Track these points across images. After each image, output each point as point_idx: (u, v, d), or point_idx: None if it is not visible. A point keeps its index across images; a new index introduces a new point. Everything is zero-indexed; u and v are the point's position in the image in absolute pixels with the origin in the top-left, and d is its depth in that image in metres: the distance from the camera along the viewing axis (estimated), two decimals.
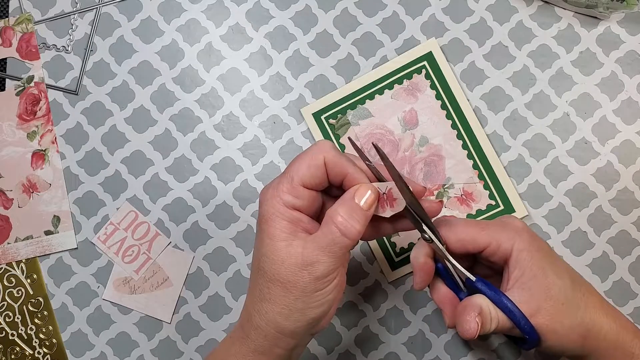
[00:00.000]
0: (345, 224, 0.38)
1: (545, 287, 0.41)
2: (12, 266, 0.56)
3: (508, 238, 0.41)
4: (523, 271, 0.41)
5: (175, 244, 0.55)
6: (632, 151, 0.53)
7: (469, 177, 0.53)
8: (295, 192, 0.39)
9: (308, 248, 0.38)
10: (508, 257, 0.42)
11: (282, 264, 0.38)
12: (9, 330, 0.56)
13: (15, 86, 0.57)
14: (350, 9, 0.55)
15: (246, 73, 0.56)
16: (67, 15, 0.57)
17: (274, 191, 0.39)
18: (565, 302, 0.41)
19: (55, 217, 0.56)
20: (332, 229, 0.38)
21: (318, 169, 0.39)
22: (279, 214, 0.39)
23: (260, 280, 0.40)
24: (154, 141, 0.56)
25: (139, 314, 0.55)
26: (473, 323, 0.40)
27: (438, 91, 0.54)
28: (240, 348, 0.41)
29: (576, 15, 0.54)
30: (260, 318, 0.40)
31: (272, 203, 0.39)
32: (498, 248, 0.41)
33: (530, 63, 0.54)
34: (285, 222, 0.39)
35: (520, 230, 0.42)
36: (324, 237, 0.38)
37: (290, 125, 0.55)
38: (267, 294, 0.39)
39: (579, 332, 0.41)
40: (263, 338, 0.40)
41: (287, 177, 0.40)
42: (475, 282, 0.42)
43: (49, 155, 0.56)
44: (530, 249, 0.41)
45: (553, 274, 0.41)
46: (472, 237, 0.42)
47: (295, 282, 0.38)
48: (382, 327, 0.54)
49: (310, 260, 0.38)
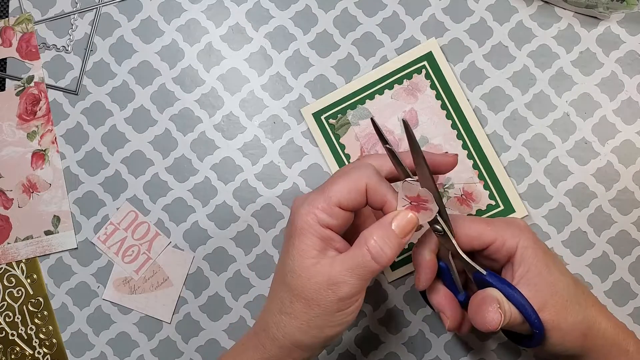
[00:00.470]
0: (378, 249, 0.38)
1: (550, 284, 0.41)
2: (12, 266, 0.56)
3: (513, 235, 0.42)
4: (528, 268, 0.41)
5: (175, 244, 0.55)
6: (632, 151, 0.53)
7: (469, 177, 0.53)
8: (330, 212, 0.39)
9: (336, 268, 0.38)
10: (512, 255, 0.42)
11: (308, 281, 0.38)
12: (9, 330, 0.56)
13: (15, 86, 0.57)
14: (350, 9, 0.55)
15: (246, 73, 0.56)
16: (67, 15, 0.57)
17: (310, 207, 0.39)
18: (569, 299, 0.41)
19: (55, 217, 0.56)
20: (364, 251, 0.38)
21: (358, 193, 0.40)
22: (312, 230, 0.39)
23: (283, 293, 0.40)
24: (154, 141, 0.56)
25: (139, 314, 0.55)
26: (496, 314, 0.39)
27: (438, 91, 0.54)
28: (254, 355, 0.41)
29: (576, 15, 0.54)
30: (277, 330, 0.40)
31: (306, 219, 0.39)
32: (503, 245, 0.42)
33: (530, 63, 0.54)
34: (317, 239, 0.39)
35: (523, 229, 0.43)
36: (354, 259, 0.38)
37: (290, 125, 0.55)
38: (289, 308, 0.39)
39: (581, 330, 0.41)
40: (278, 349, 0.40)
41: (325, 195, 0.39)
42: (487, 275, 0.41)
43: (49, 155, 0.56)
44: (535, 247, 0.42)
45: (557, 271, 0.41)
46: (479, 233, 0.42)
47: (319, 300, 0.38)
48: (382, 327, 0.54)
49: (336, 280, 0.38)
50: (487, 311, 0.39)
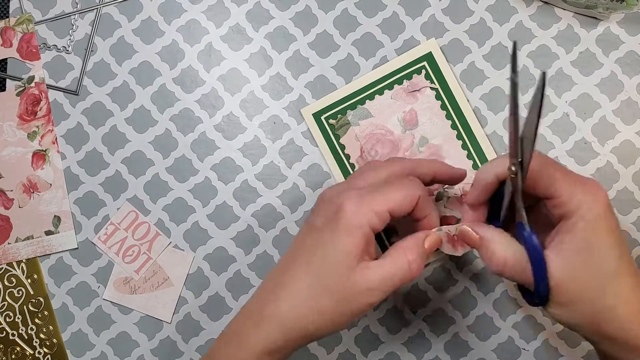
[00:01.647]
0: (417, 263, 0.39)
1: (580, 266, 0.38)
2: (12, 266, 0.56)
3: (579, 201, 0.38)
4: (572, 238, 0.38)
5: (175, 244, 0.55)
6: (631, 151, 0.53)
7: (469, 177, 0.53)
8: (383, 216, 0.39)
9: (375, 274, 0.39)
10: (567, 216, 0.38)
11: (347, 281, 0.39)
12: (10, 330, 0.56)
13: (16, 86, 0.57)
14: (350, 9, 0.55)
15: (246, 73, 0.56)
16: (67, 16, 0.57)
17: (365, 207, 0.39)
18: (593, 290, 0.38)
19: (55, 217, 0.56)
20: (404, 261, 0.39)
21: (411, 204, 0.40)
22: (363, 230, 0.39)
23: (314, 285, 0.39)
24: (154, 141, 0.56)
25: (139, 314, 0.55)
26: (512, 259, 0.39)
27: (438, 91, 0.54)
28: (255, 347, 0.40)
29: (576, 16, 0.54)
30: (295, 321, 0.40)
31: (360, 217, 0.39)
32: (565, 204, 0.38)
33: (529, 63, 0.54)
34: (363, 240, 0.39)
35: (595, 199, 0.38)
36: (394, 267, 0.39)
37: (290, 126, 0.55)
38: (314, 301, 0.39)
39: (594, 319, 0.38)
40: (284, 341, 0.40)
41: (382, 199, 0.40)
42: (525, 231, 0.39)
43: (49, 156, 0.56)
44: (594, 224, 0.38)
45: (599, 257, 0.38)
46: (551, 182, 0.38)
47: (352, 301, 0.39)
48: (382, 327, 0.54)
49: (373, 285, 0.39)
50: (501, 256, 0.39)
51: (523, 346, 0.53)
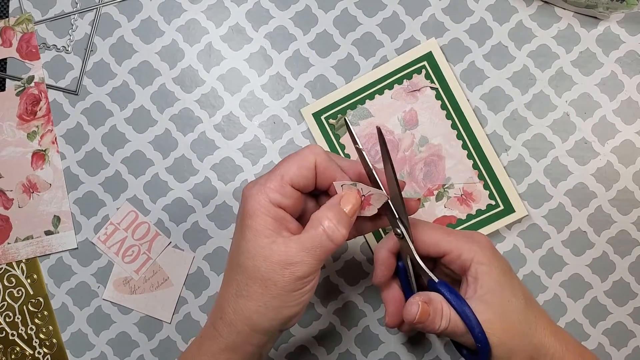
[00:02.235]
0: (333, 229, 0.39)
1: (500, 303, 0.41)
2: (12, 266, 0.56)
3: (470, 250, 0.42)
4: (481, 284, 0.42)
5: (175, 244, 0.55)
6: (632, 151, 0.53)
7: (469, 177, 0.53)
8: (282, 191, 0.40)
9: (292, 248, 0.39)
10: (467, 268, 0.43)
11: (264, 261, 0.38)
12: (9, 330, 0.56)
13: (16, 86, 0.57)
14: (350, 9, 0.55)
15: (246, 73, 0.56)
16: (67, 16, 0.57)
17: (261, 187, 0.40)
18: (518, 321, 0.41)
19: (55, 217, 0.56)
20: (319, 231, 0.39)
21: (309, 170, 0.40)
22: (264, 210, 0.39)
23: (239, 276, 0.40)
24: (154, 141, 0.56)
25: (139, 314, 0.55)
26: (415, 306, 0.40)
27: (438, 91, 0.54)
28: (211, 347, 0.41)
29: (576, 15, 0.54)
30: (235, 315, 0.40)
31: (258, 199, 0.39)
32: (458, 257, 0.42)
33: (530, 63, 0.54)
34: (271, 219, 0.39)
35: (483, 245, 0.43)
36: (310, 239, 0.39)
37: (290, 126, 0.55)
38: (245, 291, 0.39)
39: (527, 352, 0.41)
40: (236, 335, 0.40)
41: (275, 175, 0.40)
42: (438, 283, 0.42)
43: (49, 156, 0.56)
44: (490, 264, 0.42)
45: (510, 292, 0.42)
46: (436, 241, 0.43)
47: (276, 280, 0.38)
48: (382, 327, 0.54)
49: (293, 260, 0.38)
50: (409, 303, 0.41)
51: None
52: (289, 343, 0.54)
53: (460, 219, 0.53)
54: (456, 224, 0.53)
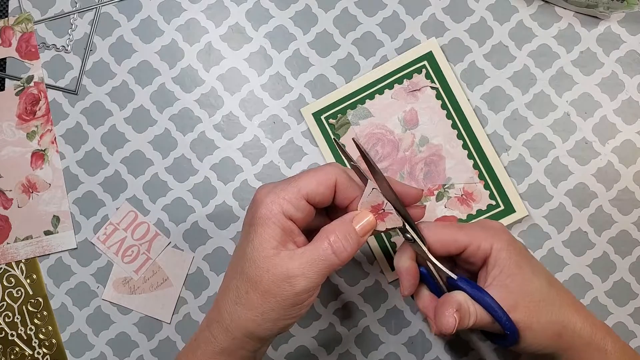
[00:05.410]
0: (339, 244, 0.39)
1: (522, 285, 0.41)
2: (11, 266, 0.56)
3: (487, 238, 0.42)
4: (501, 269, 0.42)
5: (175, 244, 0.55)
6: (632, 151, 0.53)
7: (469, 177, 0.53)
8: (297, 203, 0.39)
9: (295, 261, 0.38)
10: (487, 257, 0.43)
11: (266, 272, 0.38)
12: (9, 330, 0.56)
13: (15, 86, 0.57)
14: (350, 8, 0.55)
15: (246, 73, 0.56)
16: (66, 15, 0.57)
17: (276, 197, 0.39)
18: (542, 300, 0.42)
19: (54, 217, 0.56)
20: (325, 245, 0.39)
21: (327, 188, 0.40)
22: (276, 220, 0.39)
23: (240, 283, 0.40)
24: (153, 141, 0.56)
25: (139, 314, 0.55)
26: (451, 318, 0.40)
27: (438, 91, 0.54)
28: (206, 350, 0.41)
29: (576, 15, 0.54)
30: (231, 321, 0.40)
31: (272, 208, 0.39)
32: (478, 248, 0.42)
33: (530, 63, 0.54)
34: (280, 230, 0.39)
35: (498, 231, 0.43)
36: (314, 252, 0.39)
37: (290, 125, 0.55)
38: (244, 299, 0.39)
39: (554, 330, 0.42)
40: (231, 340, 0.40)
41: (292, 186, 0.39)
42: (457, 280, 0.42)
43: (48, 155, 0.56)
44: (509, 249, 0.42)
45: (530, 272, 0.42)
46: (452, 238, 0.43)
47: (275, 293, 0.38)
48: (382, 327, 0.54)
49: (294, 273, 0.38)
50: (443, 316, 0.41)
51: None
52: (289, 343, 0.54)
53: (460, 219, 0.53)
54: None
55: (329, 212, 0.44)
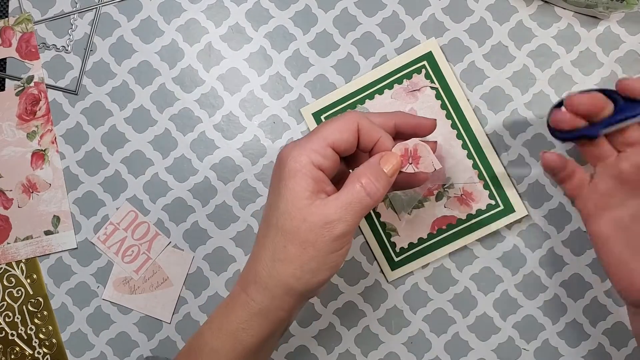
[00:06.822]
0: (371, 185, 0.39)
1: None
2: (11, 266, 0.56)
3: None
4: None
5: (175, 244, 0.55)
6: None
7: (469, 177, 0.53)
8: (324, 152, 0.40)
9: (331, 206, 0.39)
10: None
11: (303, 222, 0.38)
12: (9, 330, 0.56)
13: (15, 86, 0.57)
14: (350, 8, 0.55)
15: (246, 73, 0.56)
16: (66, 15, 0.57)
17: (302, 149, 0.39)
18: None
19: (55, 217, 0.56)
20: (358, 187, 0.39)
21: (351, 133, 0.40)
22: (305, 170, 0.39)
23: (276, 239, 0.39)
24: (153, 141, 0.56)
25: (139, 314, 0.55)
26: None
27: (438, 91, 0.54)
28: (242, 314, 0.40)
29: (576, 15, 0.54)
30: (270, 279, 0.39)
31: (300, 159, 0.39)
32: None
33: (530, 63, 0.54)
34: (311, 180, 0.39)
35: None
36: (349, 195, 0.39)
37: (290, 125, 0.55)
38: (282, 254, 0.39)
39: None
40: (270, 300, 0.40)
41: (318, 136, 0.40)
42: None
43: (48, 155, 0.56)
44: None
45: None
46: None
47: (314, 241, 0.38)
48: (382, 327, 0.54)
49: (331, 218, 0.38)
50: None
51: (523, 346, 0.53)
52: (289, 343, 0.54)
53: (460, 219, 0.53)
54: (456, 224, 0.53)
55: (348, 162, 0.44)
